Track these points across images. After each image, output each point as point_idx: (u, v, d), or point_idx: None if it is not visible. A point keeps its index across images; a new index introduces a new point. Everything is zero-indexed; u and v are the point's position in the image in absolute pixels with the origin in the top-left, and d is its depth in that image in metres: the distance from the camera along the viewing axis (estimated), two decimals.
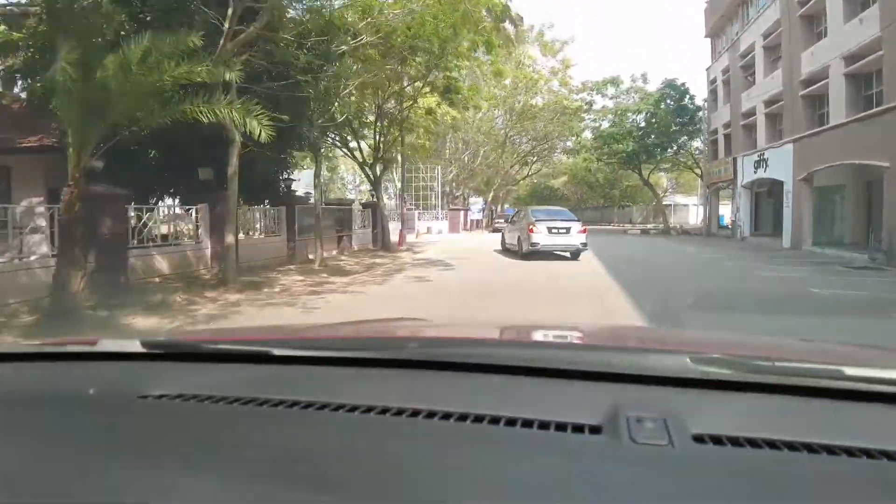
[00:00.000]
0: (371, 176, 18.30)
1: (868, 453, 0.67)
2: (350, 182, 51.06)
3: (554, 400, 0.86)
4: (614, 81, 32.22)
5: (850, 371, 0.88)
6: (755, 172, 21.95)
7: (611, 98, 32.75)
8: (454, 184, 39.53)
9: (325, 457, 0.70)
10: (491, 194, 39.67)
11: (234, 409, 0.85)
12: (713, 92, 28.57)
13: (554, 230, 13.41)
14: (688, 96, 30.83)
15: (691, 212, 45.23)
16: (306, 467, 0.66)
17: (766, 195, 24.20)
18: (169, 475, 0.65)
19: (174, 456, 0.71)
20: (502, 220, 34.24)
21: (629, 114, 31.63)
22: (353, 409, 0.81)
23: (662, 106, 30.53)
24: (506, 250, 15.73)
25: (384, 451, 0.71)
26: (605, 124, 33.40)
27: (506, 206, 50.37)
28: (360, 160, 18.00)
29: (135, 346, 1.13)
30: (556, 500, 0.59)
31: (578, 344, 1.41)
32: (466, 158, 35.79)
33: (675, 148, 32.07)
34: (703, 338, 1.75)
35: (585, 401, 0.84)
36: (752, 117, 22.78)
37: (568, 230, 13.45)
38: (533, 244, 13.25)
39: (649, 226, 40.60)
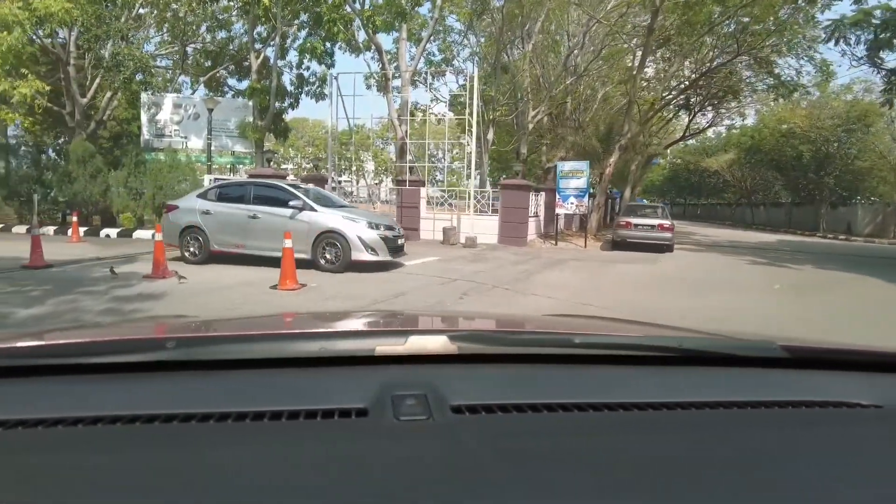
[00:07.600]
0: None
1: (594, 407, 0.80)
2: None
3: (322, 388, 0.87)
4: None
5: (577, 339, 1.04)
6: None
7: None
8: (545, 146, 23.10)
9: (65, 476, 0.65)
10: (612, 159, 18.85)
11: None
12: None
13: None
14: None
15: None
16: (44, 489, 0.62)
17: None
18: None
19: None
20: (635, 222, 15.53)
21: None
22: (95, 421, 0.75)
23: None
24: None
25: (137, 462, 0.67)
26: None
27: (630, 191, 29.16)
28: None
29: None
30: (320, 486, 0.61)
31: (343, 331, 1.39)
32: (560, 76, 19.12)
33: None
34: (467, 316, 2.02)
35: (354, 386, 0.86)
36: None
37: None
38: None
39: None
